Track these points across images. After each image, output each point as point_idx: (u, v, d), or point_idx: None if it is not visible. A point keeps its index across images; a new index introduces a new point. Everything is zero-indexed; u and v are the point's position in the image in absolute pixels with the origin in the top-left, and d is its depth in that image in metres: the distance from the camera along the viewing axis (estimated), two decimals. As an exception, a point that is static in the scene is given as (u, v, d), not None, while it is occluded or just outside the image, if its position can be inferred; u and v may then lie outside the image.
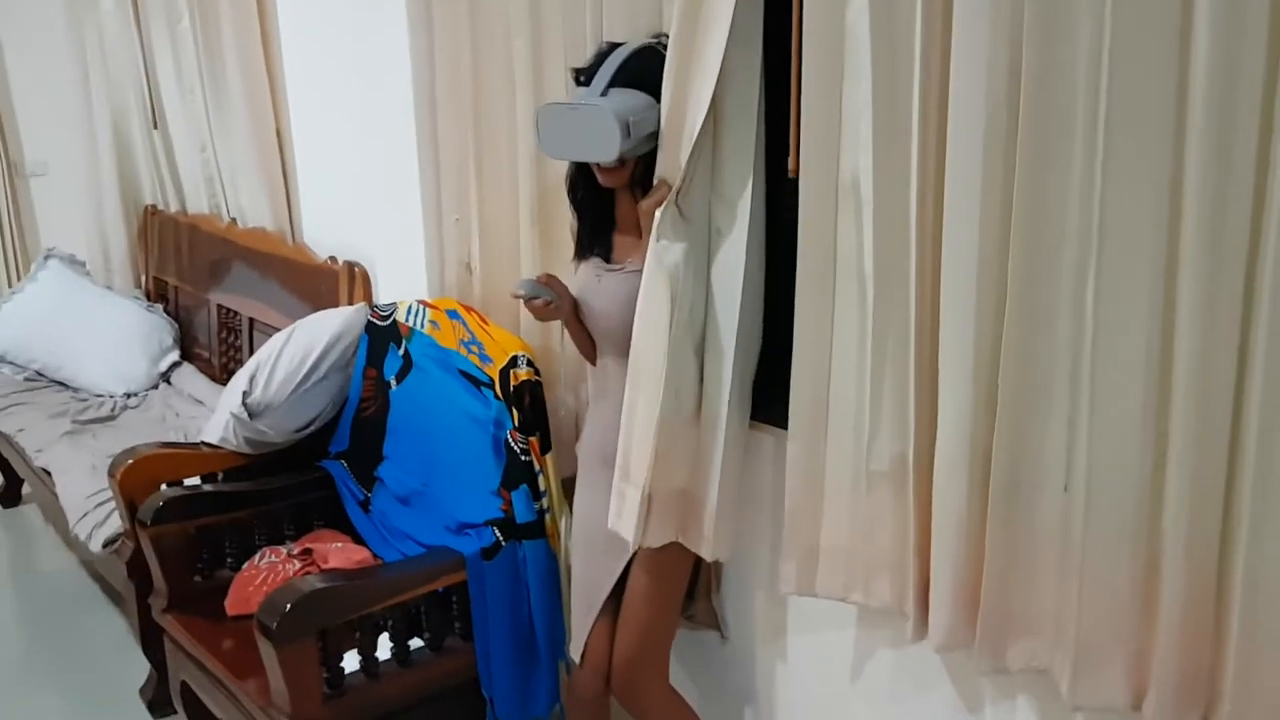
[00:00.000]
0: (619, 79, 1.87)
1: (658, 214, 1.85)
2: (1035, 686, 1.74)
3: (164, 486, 2.68)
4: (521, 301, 2.06)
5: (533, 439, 2.32)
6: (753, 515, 2.14)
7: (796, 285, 1.82)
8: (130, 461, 2.69)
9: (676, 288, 1.86)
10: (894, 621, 1.91)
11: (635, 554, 2.05)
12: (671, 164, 1.87)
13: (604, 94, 1.85)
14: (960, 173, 1.56)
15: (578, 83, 1.94)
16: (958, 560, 1.69)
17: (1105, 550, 1.52)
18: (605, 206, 2.07)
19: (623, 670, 2.10)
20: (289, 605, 2.01)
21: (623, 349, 1.97)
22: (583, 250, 2.11)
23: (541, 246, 2.44)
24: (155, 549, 2.49)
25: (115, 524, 2.87)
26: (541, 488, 2.33)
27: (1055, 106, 1.46)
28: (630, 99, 1.85)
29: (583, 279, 2.10)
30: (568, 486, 2.35)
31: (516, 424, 2.32)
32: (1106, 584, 1.53)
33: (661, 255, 1.86)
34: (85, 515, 2.99)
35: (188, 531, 2.57)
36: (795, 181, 1.83)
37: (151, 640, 2.77)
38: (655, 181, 1.91)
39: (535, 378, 2.35)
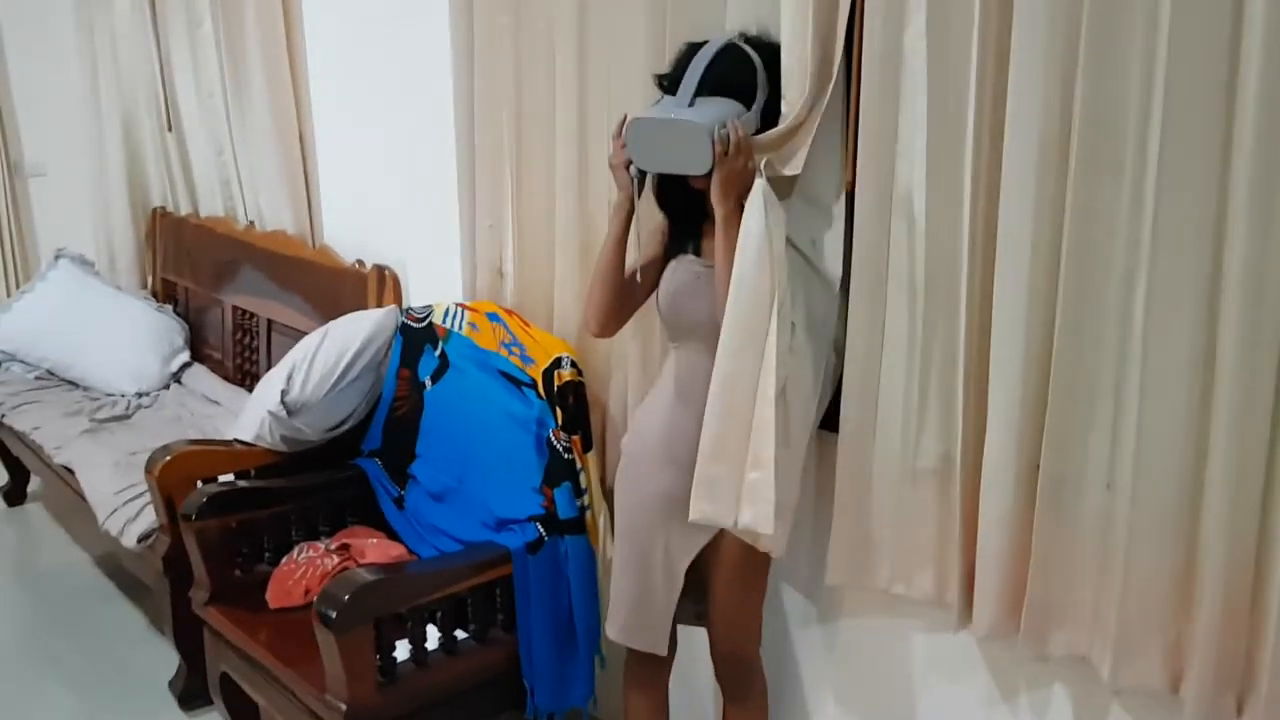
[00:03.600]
0: (705, 85, 1.84)
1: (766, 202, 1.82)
2: (1070, 674, 1.83)
3: (199, 483, 2.73)
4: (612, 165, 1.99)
5: (575, 437, 2.40)
6: (797, 509, 2.21)
7: (850, 294, 1.91)
8: (168, 458, 2.74)
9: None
10: (931, 612, 2.00)
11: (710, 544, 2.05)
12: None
13: (691, 104, 1.83)
14: (1014, 186, 1.66)
15: (661, 88, 1.92)
16: (1004, 554, 1.79)
17: (1146, 544, 1.63)
18: (695, 204, 2.00)
19: (741, 646, 2.13)
20: (348, 596, 2.07)
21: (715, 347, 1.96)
22: (676, 249, 2.08)
23: (579, 251, 2.49)
24: (199, 543, 2.54)
25: (149, 519, 2.91)
26: (583, 485, 2.41)
27: (1108, 124, 1.56)
28: (719, 108, 1.82)
29: (678, 274, 2.06)
30: (606, 485, 2.43)
31: (560, 423, 2.40)
32: (1147, 575, 1.64)
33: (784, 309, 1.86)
34: (115, 511, 3.02)
35: (228, 526, 2.61)
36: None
37: (185, 633, 2.82)
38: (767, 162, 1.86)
39: (579, 378, 2.43)
